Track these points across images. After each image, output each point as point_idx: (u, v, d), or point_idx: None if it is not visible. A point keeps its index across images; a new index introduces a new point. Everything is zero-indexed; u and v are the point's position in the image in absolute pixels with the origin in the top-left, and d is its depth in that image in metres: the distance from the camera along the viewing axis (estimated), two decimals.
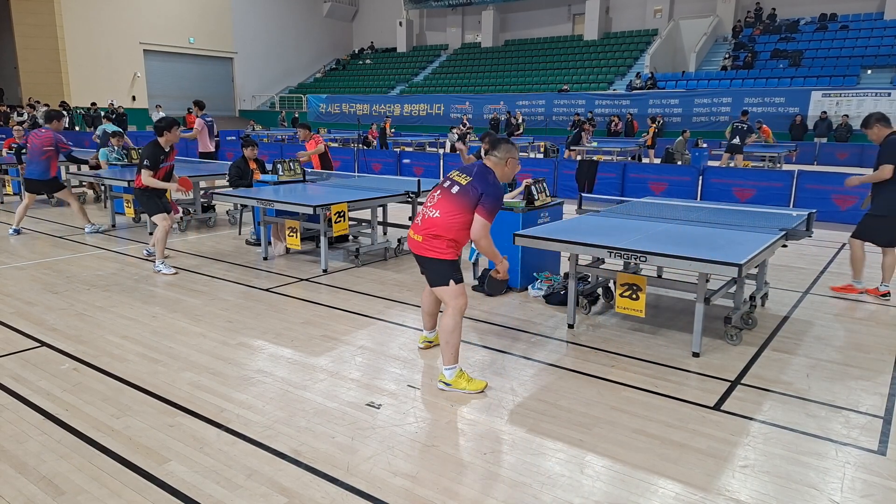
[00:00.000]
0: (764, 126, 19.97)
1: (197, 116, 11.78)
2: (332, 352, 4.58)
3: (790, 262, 7.36)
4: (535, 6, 35.20)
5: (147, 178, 6.62)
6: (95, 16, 29.33)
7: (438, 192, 4.01)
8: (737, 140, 16.08)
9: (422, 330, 4.72)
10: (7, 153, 11.95)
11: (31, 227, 9.14)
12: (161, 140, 6.68)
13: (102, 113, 18.85)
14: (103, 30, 29.67)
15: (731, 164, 16.03)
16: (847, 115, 21.74)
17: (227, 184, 8.54)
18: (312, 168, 9.62)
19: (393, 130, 24.64)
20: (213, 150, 11.67)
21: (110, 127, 11.87)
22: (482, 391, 3.93)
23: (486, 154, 4.03)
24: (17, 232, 8.63)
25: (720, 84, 25.95)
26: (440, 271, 3.96)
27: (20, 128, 12.87)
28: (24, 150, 10.22)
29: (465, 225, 3.90)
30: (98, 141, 11.89)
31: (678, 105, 25.75)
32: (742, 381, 4.13)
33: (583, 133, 18.84)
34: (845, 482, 3.01)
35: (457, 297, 3.95)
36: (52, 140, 8.52)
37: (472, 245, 6.57)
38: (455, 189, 3.91)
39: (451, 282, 3.94)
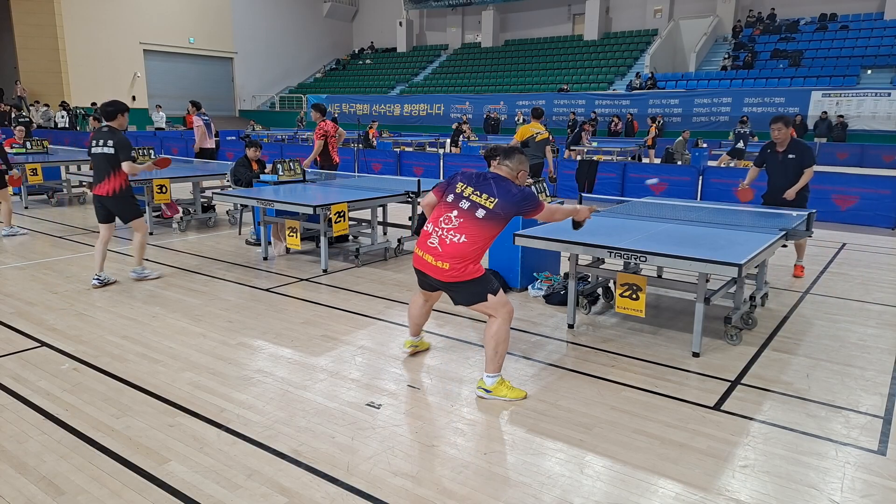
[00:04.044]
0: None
1: (194, 115, 11.97)
2: (332, 352, 4.58)
3: (790, 262, 7.36)
4: (535, 6, 35.19)
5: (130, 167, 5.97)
6: (95, 16, 29.32)
7: (456, 212, 3.70)
8: (741, 144, 16.25)
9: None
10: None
11: (31, 227, 9.14)
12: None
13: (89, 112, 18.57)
14: (103, 30, 29.65)
15: (731, 165, 16.07)
16: (842, 116, 21.76)
17: (233, 184, 8.53)
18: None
19: (384, 133, 24.52)
20: (213, 147, 11.84)
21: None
22: (524, 399, 3.83)
23: (497, 164, 3.86)
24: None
25: (720, 84, 25.95)
26: (476, 291, 3.75)
27: (22, 128, 12.95)
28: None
29: (492, 239, 3.75)
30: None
31: (678, 105, 25.75)
32: (742, 381, 4.13)
33: (583, 133, 18.87)
34: (845, 482, 3.01)
35: (504, 306, 3.77)
36: None
37: None
38: (480, 213, 3.65)
39: (489, 295, 3.74)
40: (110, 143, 5.85)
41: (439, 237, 3.70)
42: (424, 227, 3.85)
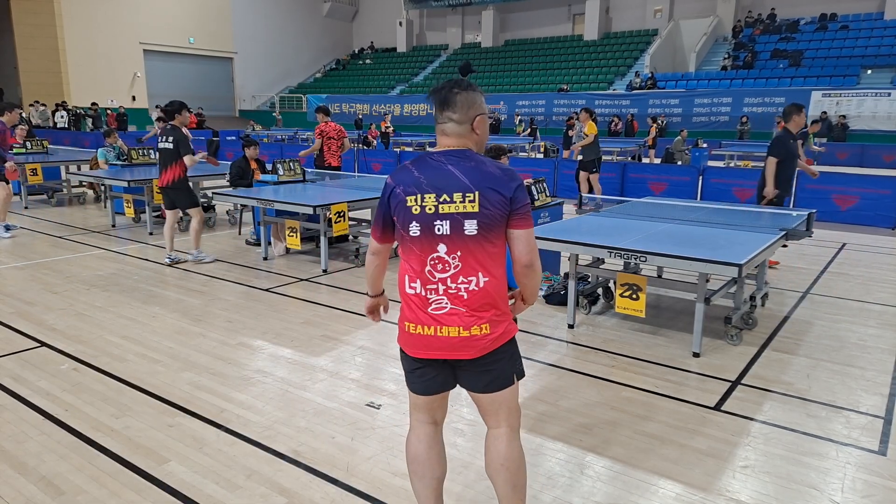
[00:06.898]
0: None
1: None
2: (332, 352, 4.58)
3: (790, 262, 7.36)
4: (535, 6, 35.20)
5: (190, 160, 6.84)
6: (95, 16, 29.32)
7: (445, 248, 2.25)
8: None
9: None
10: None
11: (31, 227, 9.13)
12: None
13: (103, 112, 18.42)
14: (103, 30, 29.65)
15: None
16: (844, 116, 21.76)
17: (228, 183, 8.54)
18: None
19: (391, 129, 24.50)
20: None
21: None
22: None
23: (441, 123, 2.35)
24: (7, 228, 8.58)
25: (720, 84, 25.95)
26: (516, 357, 2.40)
27: (23, 127, 12.74)
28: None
29: (505, 261, 2.38)
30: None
31: (678, 105, 25.76)
32: (742, 382, 4.13)
33: (570, 131, 19.04)
34: (846, 482, 3.01)
35: (518, 408, 2.48)
36: None
37: None
38: (471, 229, 2.23)
39: (514, 377, 2.40)
40: (170, 139, 6.70)
41: (449, 294, 2.27)
42: (406, 290, 2.35)
